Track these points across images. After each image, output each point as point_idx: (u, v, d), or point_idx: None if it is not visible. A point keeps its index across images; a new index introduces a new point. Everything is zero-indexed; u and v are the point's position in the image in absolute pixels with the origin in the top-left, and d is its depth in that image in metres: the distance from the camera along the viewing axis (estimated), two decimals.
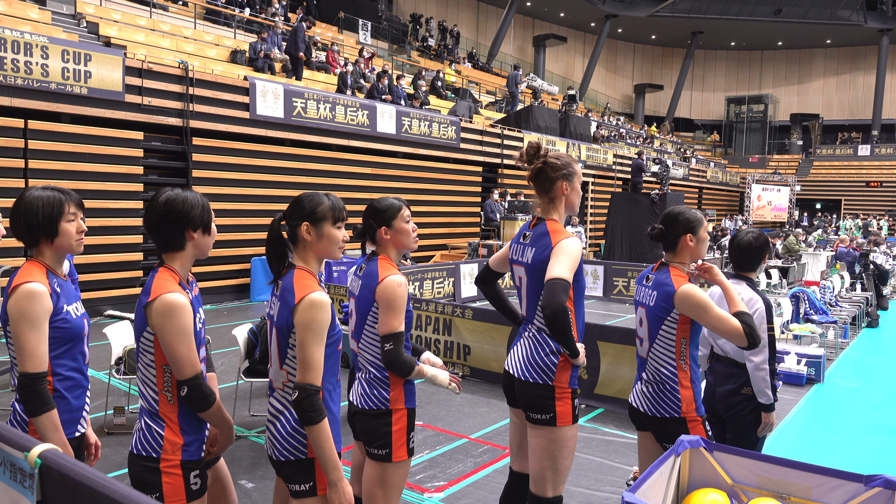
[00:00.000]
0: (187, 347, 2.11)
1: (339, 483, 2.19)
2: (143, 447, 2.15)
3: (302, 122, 12.44)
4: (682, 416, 2.84)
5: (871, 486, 2.13)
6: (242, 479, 4.37)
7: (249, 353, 5.43)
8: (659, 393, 2.88)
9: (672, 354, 2.86)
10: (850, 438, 5.67)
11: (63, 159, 9.45)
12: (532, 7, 35.30)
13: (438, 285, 11.64)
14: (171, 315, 2.08)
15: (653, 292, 2.90)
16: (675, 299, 2.79)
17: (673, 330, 2.84)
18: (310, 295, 2.19)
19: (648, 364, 2.94)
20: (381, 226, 2.71)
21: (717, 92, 44.44)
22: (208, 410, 2.19)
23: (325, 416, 2.15)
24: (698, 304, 2.75)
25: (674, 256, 2.96)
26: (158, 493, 2.12)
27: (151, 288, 2.12)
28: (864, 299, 11.30)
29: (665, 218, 2.98)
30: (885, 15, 35.76)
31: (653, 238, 2.99)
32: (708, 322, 2.74)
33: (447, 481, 4.45)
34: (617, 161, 22.76)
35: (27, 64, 8.85)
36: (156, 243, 2.23)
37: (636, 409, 3.02)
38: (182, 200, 2.19)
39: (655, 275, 2.94)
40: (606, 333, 6.15)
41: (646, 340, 2.94)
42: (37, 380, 2.12)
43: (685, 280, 2.84)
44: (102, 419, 5.34)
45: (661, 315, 2.85)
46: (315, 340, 2.17)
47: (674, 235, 2.93)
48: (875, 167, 35.35)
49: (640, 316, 2.98)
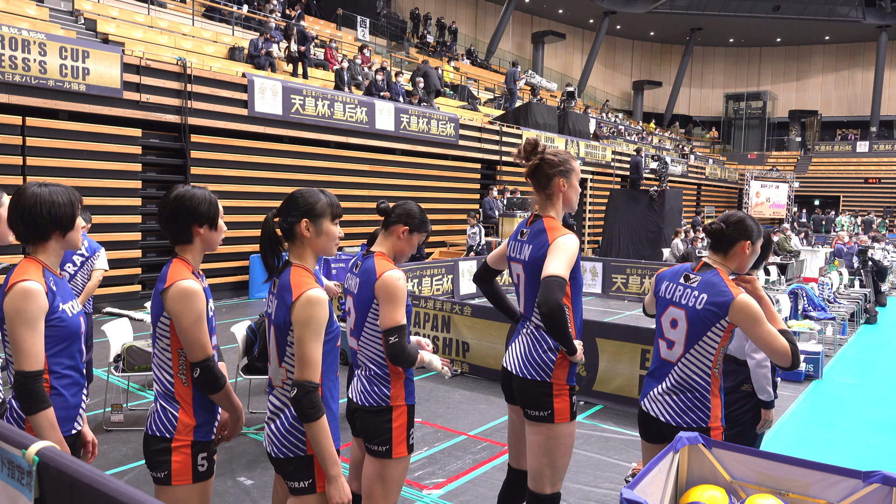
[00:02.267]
0: (200, 331, 2.24)
1: (339, 479, 2.20)
2: (157, 428, 2.27)
3: (300, 118, 12.43)
4: (709, 426, 2.69)
5: (869, 482, 2.14)
6: (241, 476, 4.37)
7: (248, 350, 5.44)
8: (688, 401, 2.70)
9: (709, 362, 2.69)
10: (849, 435, 5.68)
11: (61, 156, 9.43)
12: (531, 4, 35.25)
13: (437, 282, 11.64)
14: (186, 300, 2.22)
15: (699, 294, 2.68)
16: (731, 307, 2.60)
17: (717, 338, 2.66)
18: (307, 292, 2.20)
19: (678, 370, 2.73)
20: (410, 229, 2.80)
21: (715, 88, 44.42)
22: (218, 392, 2.31)
23: (324, 413, 2.16)
24: (755, 317, 2.58)
25: (723, 259, 2.76)
26: (167, 471, 2.25)
27: (167, 275, 2.27)
28: (863, 296, 11.32)
29: (728, 219, 2.79)
30: (883, 11, 35.73)
31: (709, 234, 2.79)
32: (758, 336, 2.58)
33: (446, 478, 4.45)
34: (616, 158, 22.75)
35: (25, 61, 8.83)
36: (167, 236, 2.37)
37: (654, 419, 2.79)
38: (190, 197, 2.30)
39: (701, 275, 2.73)
40: (605, 330, 6.15)
41: (679, 345, 2.72)
42: (33, 378, 2.12)
43: (740, 289, 2.67)
44: (101, 416, 5.34)
45: (709, 320, 2.64)
46: (313, 337, 2.18)
47: (732, 238, 2.74)
48: (873, 164, 35.36)
49: (675, 316, 2.75)
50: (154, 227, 10.77)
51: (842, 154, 37.26)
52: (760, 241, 2.80)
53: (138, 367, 5.24)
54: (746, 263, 2.78)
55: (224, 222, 2.43)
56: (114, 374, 5.37)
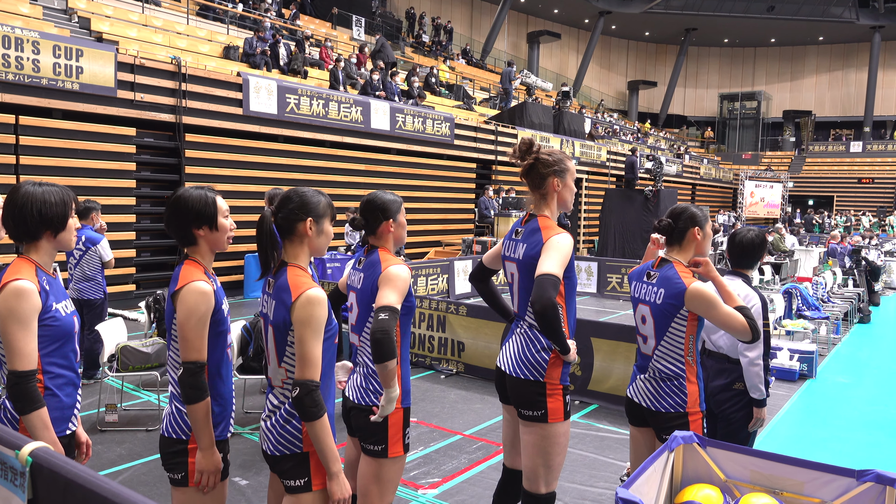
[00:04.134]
0: (199, 333, 2.22)
1: (339, 475, 2.22)
2: (173, 430, 2.26)
3: (295, 118, 12.41)
4: (686, 412, 2.83)
5: (862, 480, 2.15)
6: (236, 476, 4.36)
7: (243, 350, 5.42)
8: (665, 388, 2.86)
9: (680, 351, 2.83)
10: (842, 433, 5.70)
11: (55, 155, 9.39)
12: (526, 3, 35.27)
13: (433, 282, 11.63)
14: (194, 300, 2.21)
15: (658, 289, 2.86)
16: (685, 297, 2.76)
17: (682, 327, 2.81)
18: (307, 292, 2.20)
19: (654, 361, 2.89)
20: (387, 219, 2.73)
21: (710, 88, 44.53)
22: (197, 404, 2.18)
23: (325, 412, 2.17)
24: (709, 302, 2.73)
25: (679, 251, 2.93)
26: (184, 472, 2.24)
27: (179, 277, 2.26)
28: (856, 295, 11.36)
29: (672, 212, 2.97)
30: (876, 12, 35.88)
31: (660, 231, 2.96)
32: (717, 318, 2.73)
33: (441, 478, 4.45)
34: (611, 157, 22.78)
35: (18, 59, 8.78)
36: (174, 238, 2.36)
37: (637, 404, 2.97)
38: (185, 199, 2.28)
39: (659, 271, 2.90)
40: (600, 330, 6.16)
41: (651, 338, 2.90)
42: (26, 378, 2.12)
43: (693, 277, 2.83)
44: (95, 416, 5.32)
45: (669, 312, 2.81)
46: (313, 337, 2.19)
47: (682, 229, 2.91)
48: (867, 164, 35.50)
49: (643, 314, 2.93)
50: (148, 226, 10.74)
51: (835, 154, 37.42)
52: (709, 224, 2.97)
53: (133, 368, 5.22)
54: (704, 247, 2.96)
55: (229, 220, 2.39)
56: (108, 374, 5.35)
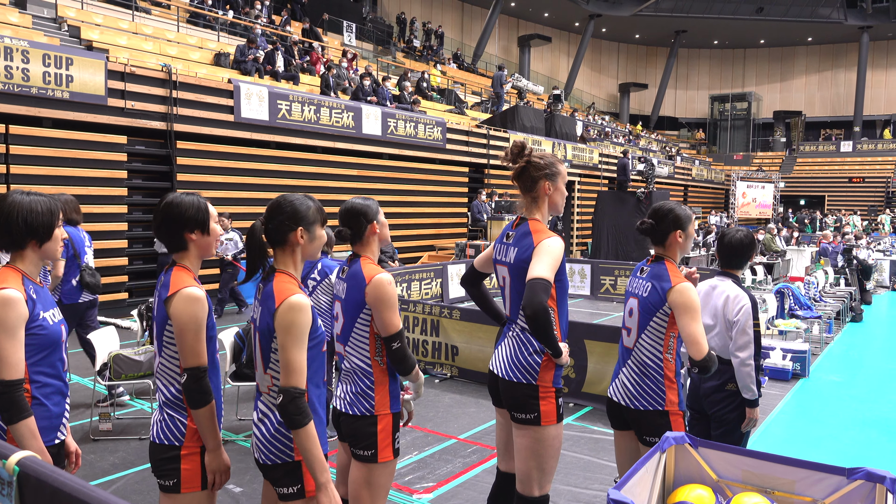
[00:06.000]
0: (199, 339, 2.21)
1: (328, 486, 2.19)
2: (164, 436, 2.24)
3: (287, 124, 12.40)
4: (666, 410, 2.84)
5: (853, 478, 2.16)
6: (230, 483, 4.34)
7: (236, 356, 5.41)
8: (643, 385, 2.87)
9: (660, 346, 2.87)
10: (835, 432, 5.73)
11: (45, 164, 9.35)
12: (516, 7, 35.38)
13: (426, 286, 11.63)
14: (192, 306, 2.19)
15: (647, 284, 2.90)
16: (670, 292, 2.80)
17: (664, 323, 2.85)
18: (289, 298, 2.19)
19: (634, 354, 2.93)
20: (370, 221, 2.74)
21: (700, 90, 44.74)
22: (203, 408, 2.21)
23: (310, 419, 2.15)
24: (688, 306, 2.75)
25: (663, 251, 2.98)
26: (176, 479, 2.22)
27: (170, 282, 2.24)
28: (848, 294, 11.42)
29: (654, 213, 2.99)
30: (864, 13, 36.16)
31: (642, 232, 3.01)
32: (684, 324, 2.75)
33: (436, 482, 4.44)
34: (603, 160, 22.84)
35: (7, 68, 8.75)
36: (163, 244, 2.35)
37: (616, 404, 2.99)
38: (178, 203, 2.28)
39: (651, 267, 2.95)
40: (593, 332, 6.17)
41: (634, 330, 2.94)
42: (13, 387, 2.11)
43: (683, 278, 2.86)
44: (88, 426, 5.29)
45: (653, 307, 2.86)
46: (296, 343, 2.18)
47: (663, 231, 2.95)
48: (857, 163, 35.72)
49: (632, 306, 2.98)
50: (140, 234, 10.70)
51: (826, 154, 37.65)
52: (692, 224, 2.99)
53: (125, 376, 5.19)
54: (686, 248, 3.00)
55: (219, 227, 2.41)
56: (100, 383, 5.32)
